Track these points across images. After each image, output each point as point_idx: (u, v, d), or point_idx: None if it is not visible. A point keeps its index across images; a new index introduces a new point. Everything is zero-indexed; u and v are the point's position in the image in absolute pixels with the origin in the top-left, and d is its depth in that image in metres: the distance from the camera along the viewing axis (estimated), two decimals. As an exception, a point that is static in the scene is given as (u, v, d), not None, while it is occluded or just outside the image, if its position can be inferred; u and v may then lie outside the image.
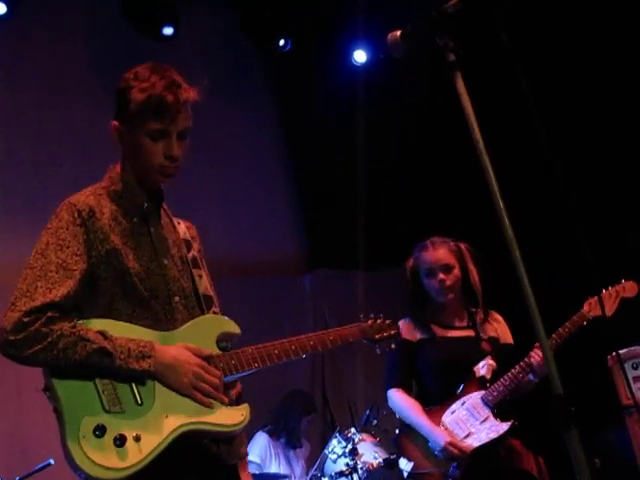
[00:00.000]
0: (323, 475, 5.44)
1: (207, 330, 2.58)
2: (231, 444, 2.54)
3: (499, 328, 4.20)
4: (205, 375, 2.44)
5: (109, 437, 2.26)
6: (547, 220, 5.87)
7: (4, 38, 6.47)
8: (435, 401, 4.08)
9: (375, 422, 6.02)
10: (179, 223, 2.77)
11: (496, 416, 3.90)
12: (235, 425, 2.48)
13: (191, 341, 2.50)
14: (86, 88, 6.80)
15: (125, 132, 2.53)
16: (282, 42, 7.26)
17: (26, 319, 2.28)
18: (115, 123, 2.55)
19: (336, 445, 5.44)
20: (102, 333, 2.36)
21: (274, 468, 6.07)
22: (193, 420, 2.40)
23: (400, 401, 4.16)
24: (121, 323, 2.43)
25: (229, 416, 2.48)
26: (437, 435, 3.92)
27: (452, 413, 3.99)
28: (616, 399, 4.85)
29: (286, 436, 6.29)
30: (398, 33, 2.18)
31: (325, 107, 7.54)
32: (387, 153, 7.45)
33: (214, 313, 2.67)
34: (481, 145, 1.96)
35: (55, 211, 2.48)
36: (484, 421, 3.90)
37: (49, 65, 6.73)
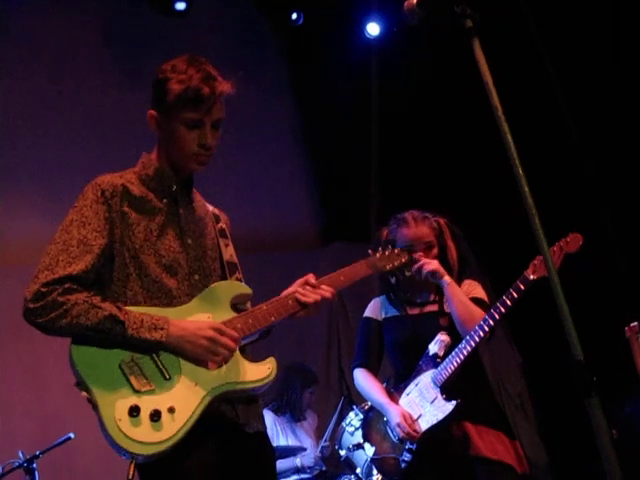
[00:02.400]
0: (340, 447, 5.45)
1: (220, 296, 2.65)
2: (249, 408, 2.62)
3: (464, 288, 3.92)
4: (220, 338, 2.50)
5: (144, 415, 2.35)
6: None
7: (17, 13, 6.47)
8: (399, 380, 4.01)
9: (392, 394, 6.04)
10: (208, 206, 2.91)
11: (443, 396, 3.73)
12: (262, 379, 2.57)
13: (205, 309, 2.59)
14: (99, 63, 6.79)
15: (162, 121, 2.66)
16: (295, 16, 7.22)
17: (44, 289, 2.42)
18: (152, 112, 2.68)
19: (353, 417, 5.43)
20: (117, 305, 2.48)
21: (282, 443, 6.09)
22: (222, 382, 2.49)
23: (362, 381, 4.11)
24: (138, 306, 2.52)
25: (256, 372, 2.57)
26: (391, 415, 3.85)
27: (407, 395, 3.89)
28: (634, 370, 4.83)
29: (289, 411, 6.33)
30: (415, 0, 2.15)
31: (339, 81, 7.49)
32: (401, 126, 7.40)
33: (236, 279, 2.77)
34: (500, 112, 1.94)
35: (83, 190, 2.61)
36: (433, 401, 3.75)
37: (62, 40, 6.72)
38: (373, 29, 7.44)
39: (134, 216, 2.60)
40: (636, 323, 4.53)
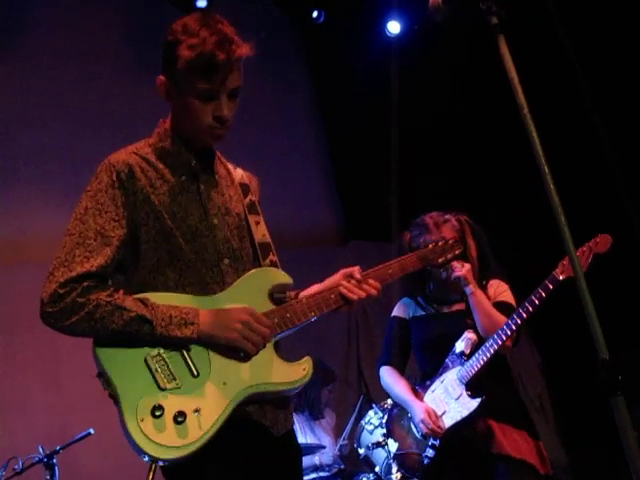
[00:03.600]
0: (360, 446, 5.44)
1: (257, 285, 2.47)
2: (279, 409, 2.45)
3: (491, 290, 3.97)
4: (254, 324, 2.33)
5: (168, 416, 2.21)
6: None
7: (40, 10, 6.50)
8: (425, 378, 4.04)
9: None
10: (235, 168, 2.69)
11: (468, 393, 3.77)
12: (297, 381, 2.40)
13: (241, 299, 2.40)
14: (120, 60, 6.82)
15: (173, 90, 2.41)
16: (315, 14, 7.22)
17: (62, 290, 2.24)
18: (162, 78, 2.43)
19: (372, 416, 5.42)
20: (142, 300, 2.30)
21: (301, 441, 6.09)
22: (253, 383, 2.33)
23: (388, 379, 4.15)
24: (162, 293, 2.35)
25: (289, 373, 2.40)
26: (415, 411, 3.89)
27: (432, 392, 3.93)
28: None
29: (308, 408, 6.33)
30: (440, -3, 2.14)
31: (359, 79, 7.48)
32: (421, 124, 7.38)
33: (270, 262, 2.56)
34: (525, 110, 1.93)
35: (95, 171, 2.40)
36: (457, 398, 3.79)
37: (84, 36, 6.75)
38: (394, 27, 7.43)
39: (155, 196, 2.38)
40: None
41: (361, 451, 5.36)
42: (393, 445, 4.07)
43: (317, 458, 5.84)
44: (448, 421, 3.79)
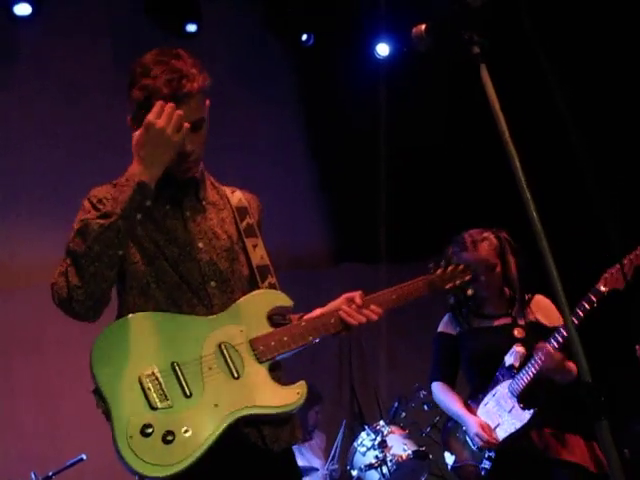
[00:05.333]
0: (352, 468, 5.45)
1: (256, 308, 2.47)
2: (280, 427, 2.44)
3: (541, 311, 4.04)
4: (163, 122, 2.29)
5: (157, 435, 2.22)
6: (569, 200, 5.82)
7: (29, 37, 6.53)
8: (476, 392, 4.10)
9: (403, 414, 6.03)
10: (233, 192, 2.68)
11: (520, 405, 3.85)
12: (290, 405, 2.38)
13: (238, 320, 2.41)
14: (108, 85, 6.83)
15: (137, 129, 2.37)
16: (305, 37, 7.27)
17: (62, 268, 2.30)
18: (129, 119, 2.45)
19: (365, 438, 5.44)
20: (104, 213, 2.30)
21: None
22: (244, 405, 2.32)
23: (440, 394, 4.22)
24: (165, 313, 2.38)
25: (283, 396, 2.38)
26: (469, 425, 3.97)
27: (485, 405, 4.00)
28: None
29: None
30: (423, 27, 2.18)
31: (349, 101, 7.53)
32: (410, 146, 7.43)
33: (269, 284, 2.56)
34: (507, 136, 1.96)
35: (82, 203, 2.45)
36: (510, 411, 3.87)
37: (72, 62, 6.76)
38: (383, 50, 7.49)
39: (139, 222, 2.37)
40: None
41: (354, 473, 5.37)
42: (450, 458, 4.15)
43: (307, 481, 5.83)
44: (502, 433, 3.87)
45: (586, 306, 3.69)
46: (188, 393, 2.29)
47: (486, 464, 3.90)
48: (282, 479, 2.49)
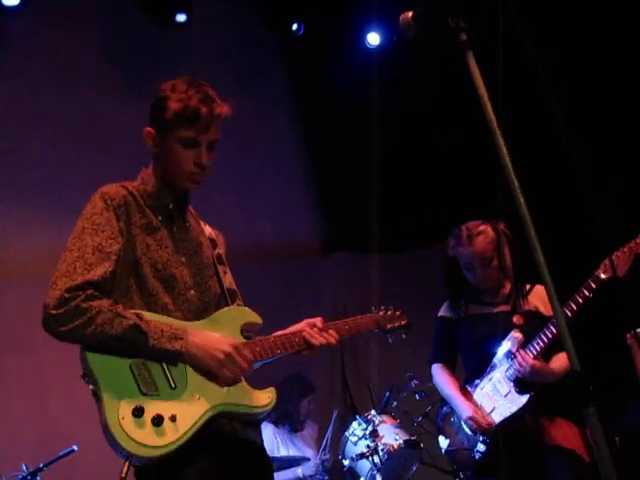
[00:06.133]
0: (344, 457, 5.45)
1: (231, 320, 2.72)
2: (248, 426, 2.66)
3: (541, 301, 4.10)
4: (236, 356, 2.55)
5: (147, 417, 2.38)
6: (559, 187, 5.83)
7: (18, 27, 6.49)
8: (473, 377, 4.17)
9: (395, 404, 6.04)
10: (205, 225, 2.95)
11: (516, 389, 3.91)
12: (263, 407, 2.63)
13: (217, 329, 2.63)
14: (100, 80, 6.81)
15: (158, 138, 2.70)
16: (295, 26, 7.24)
17: (67, 295, 2.40)
18: (149, 129, 2.72)
19: (356, 427, 5.44)
20: (137, 314, 2.49)
21: (283, 454, 6.06)
22: (224, 401, 2.54)
23: (437, 376, 4.31)
24: (154, 314, 2.55)
25: (257, 398, 2.63)
26: (462, 409, 4.03)
27: (481, 389, 4.07)
28: (636, 377, 4.82)
29: (288, 421, 6.31)
30: (410, 14, 2.18)
31: (339, 90, 7.50)
32: (402, 135, 7.42)
33: (238, 305, 2.83)
34: (494, 124, 1.96)
35: (90, 198, 2.62)
36: (506, 395, 3.93)
37: (62, 56, 6.73)
38: (374, 39, 7.47)
39: (135, 228, 2.62)
40: (637, 330, 4.53)
41: (345, 462, 5.37)
42: (444, 442, 4.21)
43: (300, 470, 5.82)
44: (497, 417, 3.94)
45: (585, 293, 3.76)
46: (173, 385, 2.47)
47: (481, 448, 3.97)
48: (254, 462, 2.68)
